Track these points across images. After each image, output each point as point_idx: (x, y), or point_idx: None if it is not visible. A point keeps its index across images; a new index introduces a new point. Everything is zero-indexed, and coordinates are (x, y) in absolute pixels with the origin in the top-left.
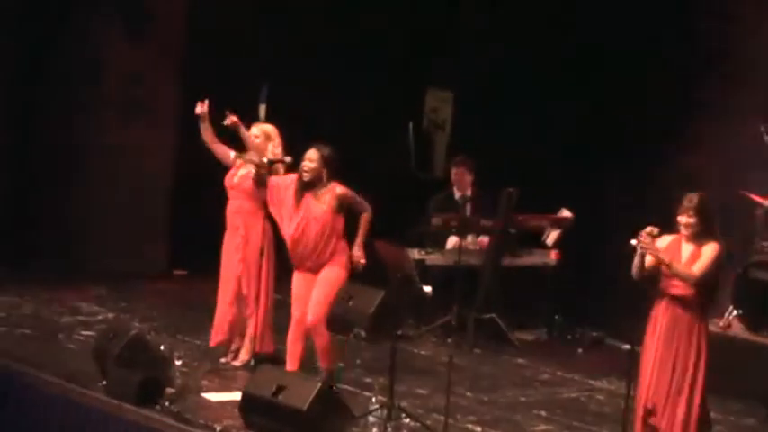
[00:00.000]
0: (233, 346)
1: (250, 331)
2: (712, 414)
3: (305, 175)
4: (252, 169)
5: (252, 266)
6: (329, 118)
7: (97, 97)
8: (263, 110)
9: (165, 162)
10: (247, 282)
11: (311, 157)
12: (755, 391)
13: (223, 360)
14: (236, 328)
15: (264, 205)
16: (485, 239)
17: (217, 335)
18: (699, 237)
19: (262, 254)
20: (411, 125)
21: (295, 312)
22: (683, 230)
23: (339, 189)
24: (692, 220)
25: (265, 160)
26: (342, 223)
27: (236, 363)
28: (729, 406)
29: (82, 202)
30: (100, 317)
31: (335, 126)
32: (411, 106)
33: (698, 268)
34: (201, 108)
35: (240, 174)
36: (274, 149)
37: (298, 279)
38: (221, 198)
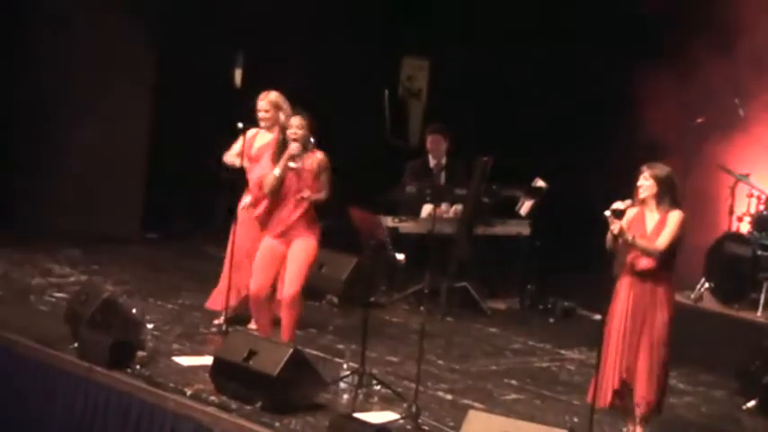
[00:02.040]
0: (234, 309)
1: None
2: (682, 386)
3: (294, 142)
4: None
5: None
6: (305, 85)
7: (71, 63)
8: (238, 75)
9: (138, 125)
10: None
11: (299, 124)
12: (726, 363)
13: (218, 321)
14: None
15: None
16: (459, 208)
17: (224, 300)
18: (664, 205)
19: None
20: (387, 93)
21: (254, 283)
22: (640, 193)
23: (320, 155)
24: (647, 183)
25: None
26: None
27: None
28: (700, 378)
29: (55, 164)
30: (72, 279)
31: (312, 93)
32: (387, 74)
33: (662, 240)
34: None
35: (257, 146)
36: (286, 117)
37: (267, 246)
38: (194, 163)
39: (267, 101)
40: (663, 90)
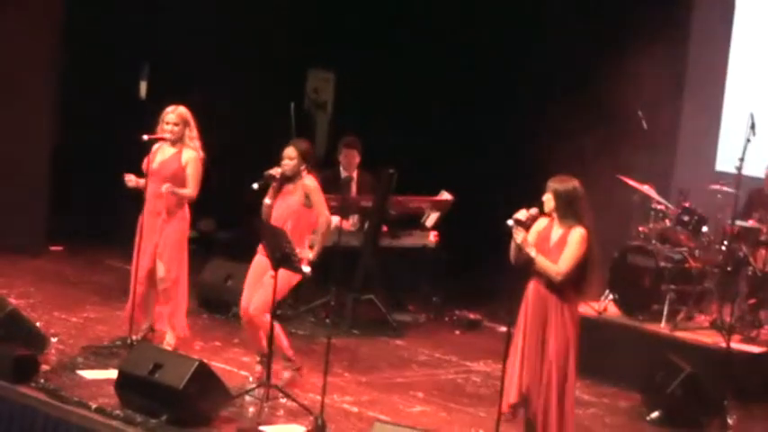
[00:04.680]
0: (144, 325)
1: (169, 317)
2: (587, 397)
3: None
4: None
5: (174, 251)
6: (211, 98)
7: None
8: (143, 87)
9: (41, 138)
10: (168, 266)
11: (290, 155)
12: (630, 374)
13: (135, 337)
14: (148, 309)
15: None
16: (356, 218)
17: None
18: (566, 220)
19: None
20: (292, 105)
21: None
22: (545, 207)
23: (308, 181)
24: (546, 197)
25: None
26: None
27: (168, 347)
28: (604, 389)
29: None
30: None
31: (217, 107)
32: (293, 86)
33: (562, 265)
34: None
35: (159, 160)
36: (190, 133)
37: (258, 262)
38: (98, 174)
39: (177, 114)
40: (567, 102)
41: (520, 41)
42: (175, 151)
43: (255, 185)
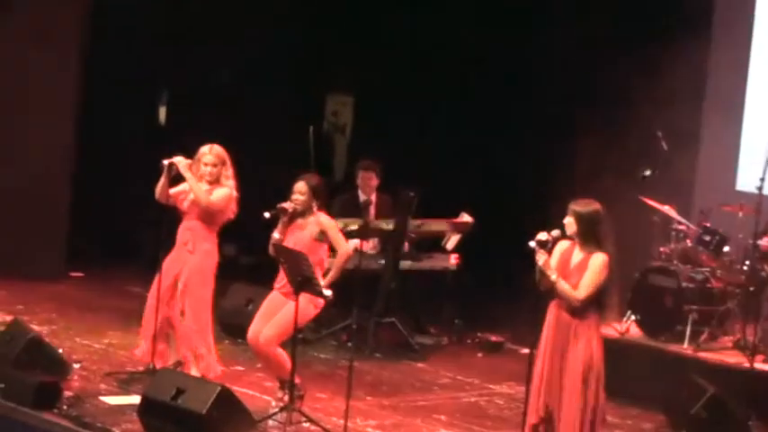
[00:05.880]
0: (171, 360)
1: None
2: (611, 418)
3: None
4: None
5: (198, 291)
6: (230, 122)
7: None
8: (162, 112)
9: (61, 164)
10: (191, 308)
11: (301, 190)
12: (654, 395)
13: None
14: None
15: (217, 228)
16: (376, 241)
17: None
18: (587, 245)
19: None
20: (311, 129)
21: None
22: (567, 230)
23: (322, 217)
24: (568, 220)
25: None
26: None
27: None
28: (627, 410)
29: None
30: None
31: (237, 130)
32: (312, 110)
33: (582, 290)
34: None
35: (191, 198)
36: (226, 172)
37: (273, 298)
38: (118, 200)
39: (215, 155)
40: (588, 124)
41: (541, 64)
42: (209, 189)
43: (267, 215)
